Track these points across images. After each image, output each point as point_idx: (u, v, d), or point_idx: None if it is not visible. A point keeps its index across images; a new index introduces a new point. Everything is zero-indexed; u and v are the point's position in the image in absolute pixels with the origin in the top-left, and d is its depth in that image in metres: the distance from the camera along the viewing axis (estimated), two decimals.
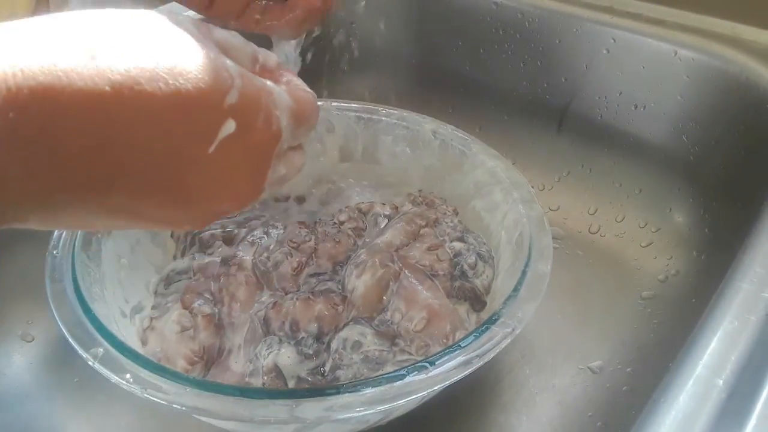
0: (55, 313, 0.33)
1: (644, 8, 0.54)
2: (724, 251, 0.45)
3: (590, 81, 0.56)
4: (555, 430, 0.42)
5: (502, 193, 0.43)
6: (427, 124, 0.49)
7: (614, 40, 0.53)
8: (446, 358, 0.30)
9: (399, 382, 0.29)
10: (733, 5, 0.51)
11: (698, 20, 0.52)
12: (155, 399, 0.28)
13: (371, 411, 0.28)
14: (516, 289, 0.34)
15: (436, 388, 0.29)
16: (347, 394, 0.28)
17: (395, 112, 0.50)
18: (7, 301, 0.49)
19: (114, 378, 0.29)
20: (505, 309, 0.33)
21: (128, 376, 0.29)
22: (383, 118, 0.50)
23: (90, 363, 0.30)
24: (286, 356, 0.36)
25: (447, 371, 0.30)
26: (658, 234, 0.53)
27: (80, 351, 0.31)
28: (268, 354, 0.36)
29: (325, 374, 0.36)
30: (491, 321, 0.32)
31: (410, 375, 0.29)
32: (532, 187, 0.44)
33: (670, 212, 0.53)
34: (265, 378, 0.36)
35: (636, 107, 0.54)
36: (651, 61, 0.52)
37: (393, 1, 0.64)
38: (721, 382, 0.28)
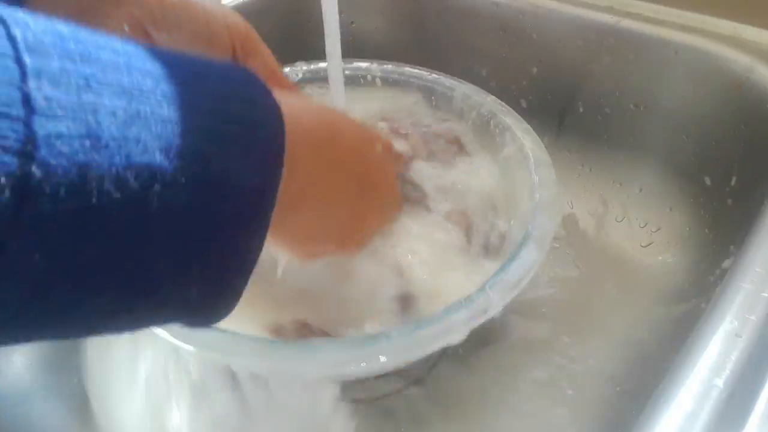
0: None
1: (644, 8, 0.54)
2: (724, 251, 0.45)
3: (590, 81, 0.56)
4: (554, 430, 0.42)
5: (524, 172, 0.43)
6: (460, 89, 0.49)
7: (614, 40, 0.53)
8: (409, 333, 0.31)
9: (361, 349, 0.30)
10: (733, 5, 0.51)
11: (699, 20, 0.52)
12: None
13: (335, 372, 0.31)
14: (495, 278, 0.34)
15: (399, 359, 0.31)
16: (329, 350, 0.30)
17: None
18: None
19: None
20: (478, 294, 0.33)
21: None
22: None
23: None
24: None
25: (407, 347, 0.31)
26: (659, 233, 0.53)
27: None
28: None
29: None
30: (462, 304, 0.32)
31: (369, 344, 0.30)
32: None
33: (671, 212, 0.53)
34: None
35: (636, 107, 0.54)
36: (651, 61, 0.52)
37: (393, 1, 0.64)
38: (720, 382, 0.29)
